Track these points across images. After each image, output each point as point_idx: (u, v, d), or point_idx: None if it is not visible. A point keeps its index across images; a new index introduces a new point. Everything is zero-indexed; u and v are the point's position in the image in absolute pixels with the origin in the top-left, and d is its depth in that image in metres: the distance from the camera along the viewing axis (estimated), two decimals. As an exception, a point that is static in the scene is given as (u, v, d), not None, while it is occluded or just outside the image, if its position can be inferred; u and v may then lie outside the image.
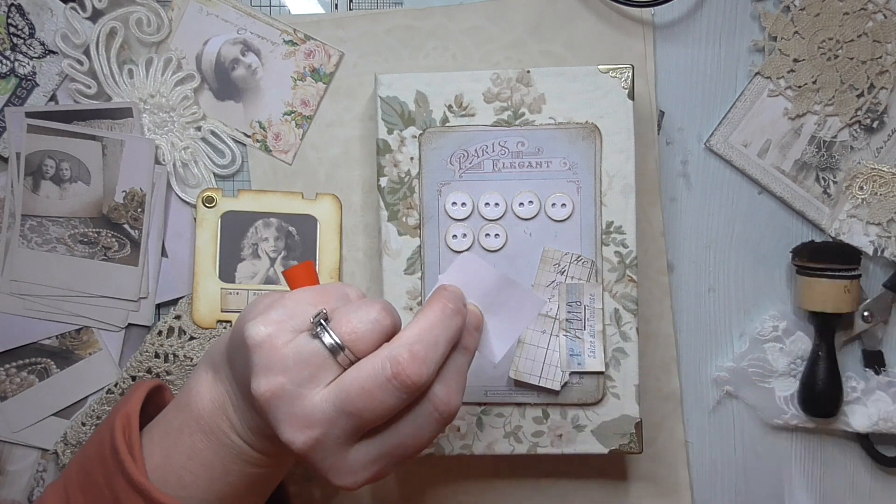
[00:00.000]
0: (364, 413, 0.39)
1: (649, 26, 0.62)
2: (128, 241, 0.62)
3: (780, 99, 0.62)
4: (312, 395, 0.40)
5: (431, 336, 0.41)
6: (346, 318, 0.41)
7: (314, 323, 0.41)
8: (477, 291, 0.45)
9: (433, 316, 0.41)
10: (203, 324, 0.62)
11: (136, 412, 0.46)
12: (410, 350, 0.39)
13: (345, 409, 0.39)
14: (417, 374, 0.39)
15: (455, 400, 0.42)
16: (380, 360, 0.39)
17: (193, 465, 0.44)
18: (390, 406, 0.39)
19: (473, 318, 0.44)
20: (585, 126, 0.57)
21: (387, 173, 0.58)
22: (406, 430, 0.41)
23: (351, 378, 0.40)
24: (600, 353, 0.57)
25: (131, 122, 0.61)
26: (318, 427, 0.40)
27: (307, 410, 0.40)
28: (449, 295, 0.43)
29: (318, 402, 0.40)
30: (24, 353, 0.62)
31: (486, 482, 0.64)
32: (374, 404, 0.39)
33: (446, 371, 0.42)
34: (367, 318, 0.41)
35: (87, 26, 0.61)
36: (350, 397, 0.39)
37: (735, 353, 0.63)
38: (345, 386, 0.39)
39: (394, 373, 0.39)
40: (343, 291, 0.44)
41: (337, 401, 0.39)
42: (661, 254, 0.62)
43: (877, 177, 0.61)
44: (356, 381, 0.39)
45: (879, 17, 0.61)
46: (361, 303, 0.42)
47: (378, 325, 0.41)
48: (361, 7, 0.63)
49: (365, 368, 0.40)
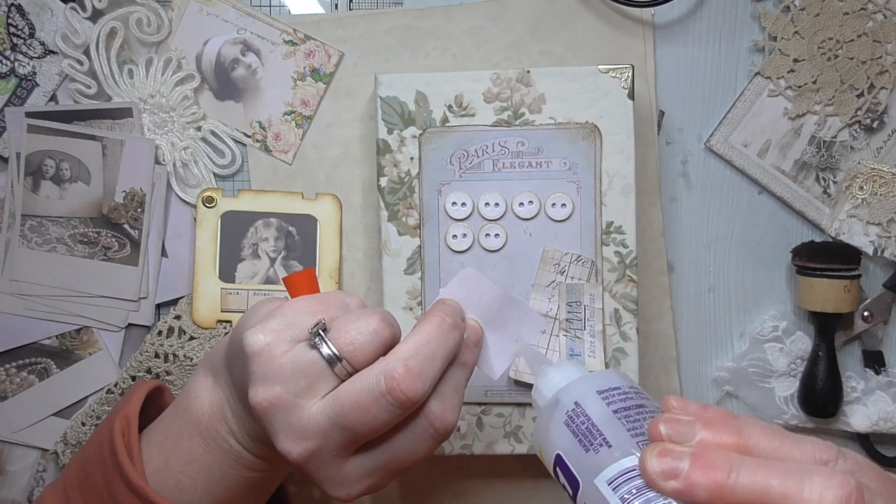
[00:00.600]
0: (358, 427, 0.39)
1: (649, 26, 0.62)
2: (128, 241, 0.62)
3: (780, 99, 0.62)
4: (309, 407, 0.40)
5: (428, 351, 0.40)
6: (345, 328, 0.40)
7: (312, 333, 0.40)
8: (477, 306, 0.44)
9: (430, 330, 0.41)
10: (203, 324, 0.62)
11: (135, 414, 0.46)
12: (406, 365, 0.39)
13: (339, 423, 0.39)
14: (412, 390, 0.39)
15: (451, 416, 0.41)
16: (374, 374, 0.39)
17: (192, 470, 0.44)
18: (384, 421, 0.39)
19: (473, 334, 0.44)
20: (585, 126, 0.57)
21: (387, 173, 0.58)
22: (401, 444, 0.41)
23: (346, 392, 0.39)
24: (600, 353, 0.57)
25: (131, 122, 0.61)
26: (313, 439, 0.39)
27: (303, 422, 0.39)
28: (447, 309, 0.42)
29: (313, 414, 0.39)
30: (24, 353, 0.62)
31: (486, 482, 0.64)
32: (369, 419, 0.39)
33: (443, 386, 0.41)
34: (365, 329, 0.40)
35: (87, 26, 0.61)
36: (345, 411, 0.39)
37: (735, 353, 0.63)
38: (340, 399, 0.39)
39: (388, 388, 0.38)
40: (343, 300, 0.43)
41: (332, 414, 0.39)
42: (661, 254, 0.62)
43: (877, 177, 0.61)
44: (351, 395, 0.39)
45: (879, 17, 0.61)
46: (361, 313, 0.42)
47: (377, 337, 0.40)
48: (361, 7, 0.63)
49: (360, 382, 0.39)
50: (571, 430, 0.35)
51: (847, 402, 0.62)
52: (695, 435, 0.32)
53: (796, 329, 0.62)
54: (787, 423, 0.63)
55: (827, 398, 0.61)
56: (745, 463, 0.30)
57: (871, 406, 0.62)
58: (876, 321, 0.62)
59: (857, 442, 0.64)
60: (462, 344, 0.42)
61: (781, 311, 0.63)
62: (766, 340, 0.63)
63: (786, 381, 0.63)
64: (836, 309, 0.59)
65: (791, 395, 0.63)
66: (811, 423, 0.63)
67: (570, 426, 0.35)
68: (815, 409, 0.61)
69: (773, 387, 0.63)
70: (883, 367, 0.62)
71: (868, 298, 0.62)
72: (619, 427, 0.34)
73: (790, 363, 0.63)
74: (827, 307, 0.60)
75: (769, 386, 0.63)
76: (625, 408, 0.35)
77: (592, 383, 0.37)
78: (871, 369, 0.62)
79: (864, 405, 0.62)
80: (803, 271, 0.61)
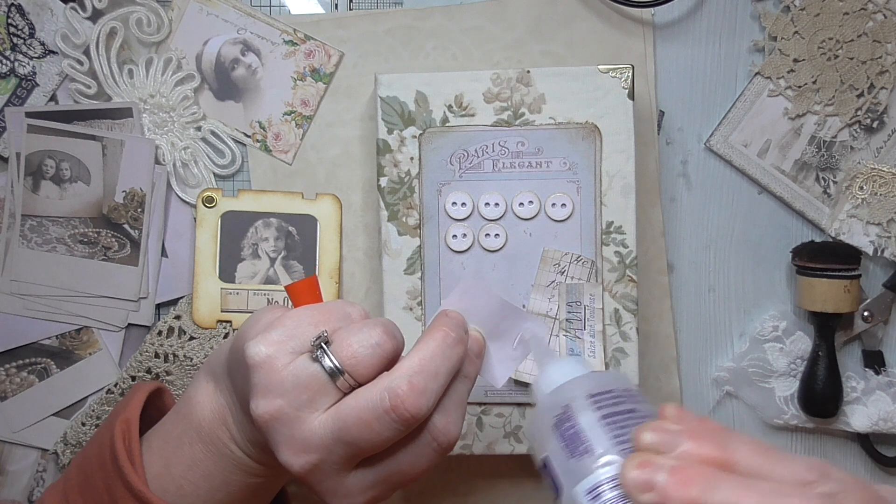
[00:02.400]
0: (361, 443, 0.39)
1: (649, 26, 0.62)
2: (128, 241, 0.62)
3: (780, 99, 0.62)
4: (311, 420, 0.39)
5: (432, 367, 0.40)
6: (347, 341, 0.40)
7: (314, 346, 0.40)
8: (480, 316, 0.44)
9: (434, 345, 0.40)
10: (203, 324, 0.62)
11: (135, 418, 0.46)
12: (410, 382, 0.39)
13: (342, 438, 0.39)
14: (416, 407, 0.38)
15: (454, 430, 0.41)
16: (378, 391, 0.39)
17: (193, 476, 0.44)
18: (387, 438, 0.39)
19: (475, 345, 0.43)
20: (585, 126, 0.57)
21: (387, 173, 0.58)
22: (404, 459, 0.41)
23: (349, 407, 0.39)
24: (600, 353, 0.57)
25: (131, 122, 0.61)
26: (315, 453, 0.39)
27: (305, 435, 0.39)
28: (451, 323, 0.42)
29: (315, 428, 0.39)
30: (24, 353, 0.62)
31: (486, 482, 0.64)
32: (372, 435, 0.39)
33: (447, 400, 0.41)
34: (368, 343, 0.40)
35: (87, 26, 0.61)
36: (347, 426, 0.39)
37: (735, 353, 0.63)
38: (342, 415, 0.39)
39: (392, 405, 0.38)
40: (345, 311, 0.42)
41: (335, 428, 0.39)
42: (661, 254, 0.62)
43: (877, 177, 0.61)
44: (353, 411, 0.39)
45: (879, 17, 0.61)
46: (363, 324, 0.41)
47: (379, 350, 0.40)
48: (361, 7, 0.63)
49: (363, 398, 0.39)
50: (559, 434, 0.35)
51: (847, 402, 0.62)
52: (678, 446, 0.31)
53: (796, 329, 0.62)
54: (787, 423, 0.63)
55: (827, 398, 0.61)
56: (722, 481, 0.29)
57: (871, 406, 0.62)
58: (876, 321, 0.62)
59: (857, 442, 0.64)
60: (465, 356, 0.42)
61: (781, 311, 0.63)
62: (766, 340, 0.63)
63: (786, 381, 0.63)
64: (836, 309, 0.59)
65: (791, 395, 0.63)
66: (811, 423, 0.63)
67: (558, 430, 0.35)
68: (815, 409, 0.61)
69: (773, 387, 0.63)
70: (883, 367, 0.62)
71: (868, 298, 0.62)
72: (604, 434, 0.34)
73: (790, 363, 0.63)
74: (827, 307, 0.60)
75: (769, 386, 0.63)
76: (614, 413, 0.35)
77: (585, 386, 0.37)
78: (871, 369, 0.62)
79: (864, 405, 0.62)
80: (803, 271, 0.61)
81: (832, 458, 0.64)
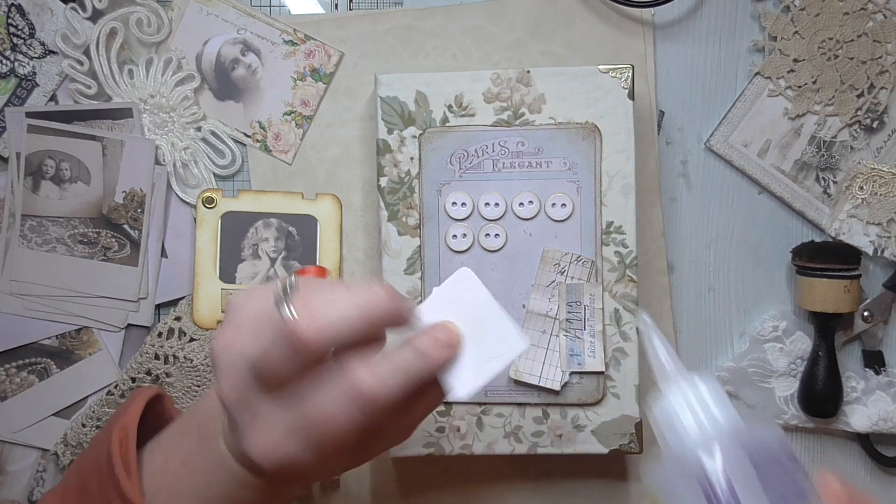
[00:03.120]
0: (259, 364, 0.38)
1: (649, 26, 0.62)
2: (128, 242, 0.62)
3: (780, 99, 0.62)
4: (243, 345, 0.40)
5: (334, 298, 0.38)
6: (310, 297, 0.39)
7: (279, 290, 0.39)
8: (465, 310, 0.42)
9: (350, 287, 0.39)
10: (203, 325, 0.62)
11: (133, 425, 0.46)
12: (305, 304, 0.38)
13: (243, 351, 0.39)
14: (306, 329, 0.37)
15: (379, 388, 0.38)
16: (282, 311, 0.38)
17: (184, 472, 0.44)
18: (281, 358, 0.38)
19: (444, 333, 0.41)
20: (585, 126, 0.57)
21: (387, 173, 0.58)
22: (319, 399, 0.39)
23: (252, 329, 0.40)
24: (600, 353, 0.57)
25: (131, 123, 0.61)
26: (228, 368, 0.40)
27: (233, 357, 0.40)
28: (388, 286, 0.40)
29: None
30: (24, 353, 0.62)
31: (486, 482, 0.64)
32: (267, 356, 0.38)
33: (381, 357, 0.39)
34: (328, 298, 0.39)
35: (87, 26, 0.61)
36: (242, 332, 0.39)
37: (735, 353, 0.63)
38: (243, 331, 0.40)
39: (288, 328, 0.37)
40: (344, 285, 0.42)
41: (238, 343, 0.40)
42: (661, 254, 0.62)
43: (877, 177, 0.61)
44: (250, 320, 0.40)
45: (879, 17, 0.61)
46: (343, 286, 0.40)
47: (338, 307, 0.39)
48: (361, 7, 0.63)
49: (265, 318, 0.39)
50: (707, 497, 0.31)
51: (847, 402, 0.62)
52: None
53: (796, 329, 0.62)
54: (787, 423, 0.63)
55: (827, 398, 0.61)
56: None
57: (871, 406, 0.62)
58: (876, 321, 0.62)
59: (857, 442, 0.64)
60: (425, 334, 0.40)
61: (781, 311, 0.63)
62: (766, 340, 0.63)
63: (786, 381, 0.63)
64: (836, 309, 0.59)
65: (791, 395, 0.63)
66: (811, 423, 0.63)
67: (707, 491, 0.31)
68: (815, 409, 0.61)
69: (773, 387, 0.63)
70: (883, 367, 0.62)
71: (868, 298, 0.62)
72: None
73: (790, 363, 0.63)
74: (827, 307, 0.60)
75: (769, 386, 0.63)
76: (775, 484, 0.30)
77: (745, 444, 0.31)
78: (871, 369, 0.62)
79: (864, 405, 0.62)
80: (803, 271, 0.61)
81: (832, 459, 0.64)
